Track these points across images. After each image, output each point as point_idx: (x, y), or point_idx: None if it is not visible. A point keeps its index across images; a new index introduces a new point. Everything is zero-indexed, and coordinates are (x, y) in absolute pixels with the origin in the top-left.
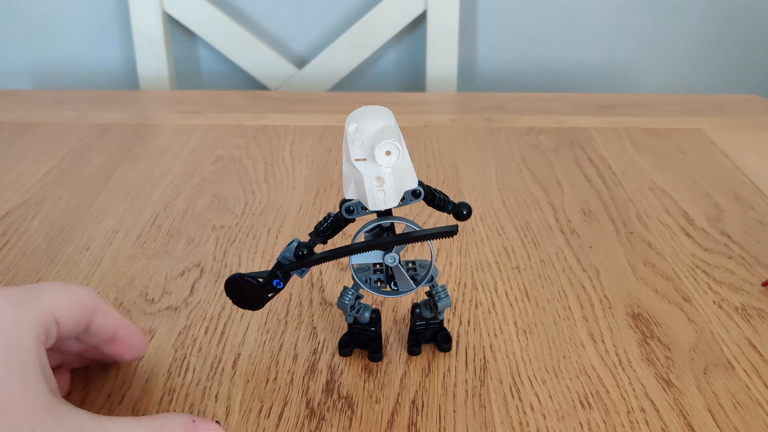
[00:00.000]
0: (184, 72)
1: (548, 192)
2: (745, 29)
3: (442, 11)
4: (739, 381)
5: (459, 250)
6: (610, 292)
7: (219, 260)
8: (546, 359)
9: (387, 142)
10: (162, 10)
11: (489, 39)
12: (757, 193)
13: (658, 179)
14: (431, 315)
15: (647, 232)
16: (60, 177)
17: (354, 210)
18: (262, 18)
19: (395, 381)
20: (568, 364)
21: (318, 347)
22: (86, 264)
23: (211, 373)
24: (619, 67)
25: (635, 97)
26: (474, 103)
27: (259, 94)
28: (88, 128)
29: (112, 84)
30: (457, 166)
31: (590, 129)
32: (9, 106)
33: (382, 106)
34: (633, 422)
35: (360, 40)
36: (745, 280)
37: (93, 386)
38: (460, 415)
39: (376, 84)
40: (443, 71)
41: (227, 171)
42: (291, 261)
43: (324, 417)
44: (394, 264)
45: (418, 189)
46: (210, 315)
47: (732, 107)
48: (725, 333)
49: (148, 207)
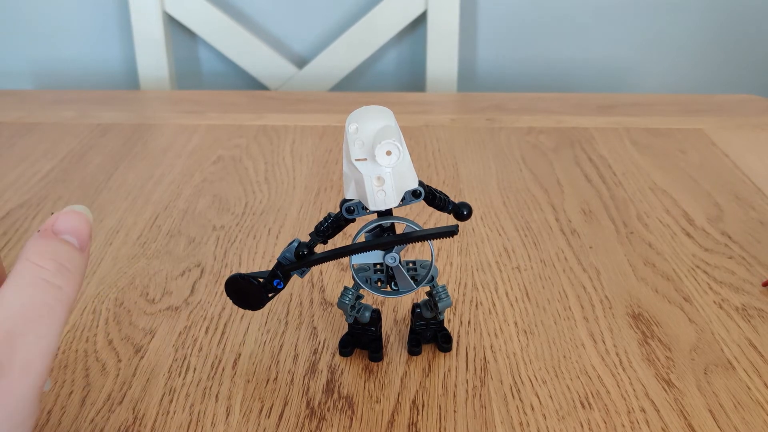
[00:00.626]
0: (185, 72)
1: (548, 192)
2: (745, 29)
3: (442, 11)
4: (739, 381)
5: (459, 250)
6: (611, 293)
7: (219, 260)
8: (546, 359)
9: (387, 142)
10: (162, 10)
11: (489, 39)
12: (757, 193)
13: (658, 179)
14: (432, 315)
15: (647, 232)
16: (60, 177)
17: (354, 210)
18: (262, 18)
19: (396, 381)
20: (569, 365)
21: (318, 347)
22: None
23: (211, 373)
24: (619, 67)
25: (635, 97)
26: (474, 103)
27: (260, 94)
28: (88, 128)
29: (112, 84)
30: (458, 166)
31: (590, 129)
32: (9, 106)
33: (383, 106)
34: (633, 422)
35: (360, 40)
36: (746, 280)
37: (93, 386)
38: (460, 415)
39: (376, 84)
40: (443, 71)
41: (228, 171)
42: (291, 261)
43: (324, 417)
44: (395, 264)
45: (419, 189)
46: (210, 315)
47: (732, 107)
48: (726, 333)
49: (149, 207)
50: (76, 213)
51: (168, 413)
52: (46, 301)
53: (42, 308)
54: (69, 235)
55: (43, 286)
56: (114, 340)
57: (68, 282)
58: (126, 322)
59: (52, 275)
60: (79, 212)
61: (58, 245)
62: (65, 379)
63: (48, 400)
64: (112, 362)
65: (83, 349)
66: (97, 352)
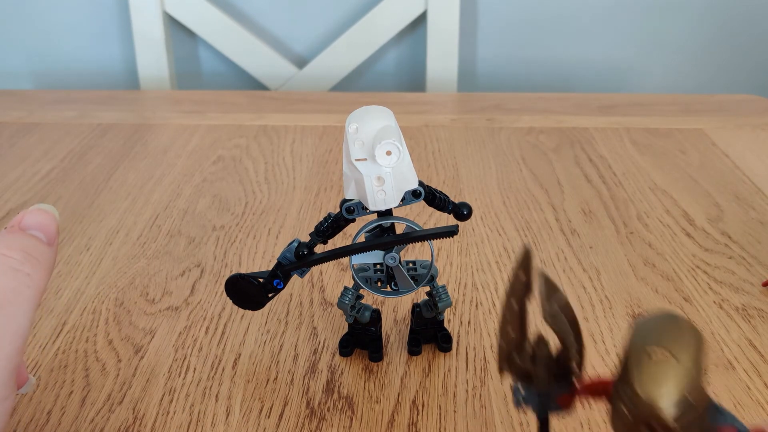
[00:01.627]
0: (185, 72)
1: (548, 192)
2: (745, 29)
3: (442, 11)
4: (739, 381)
5: (459, 250)
6: (611, 292)
7: (219, 260)
8: None
9: (387, 142)
10: (162, 10)
11: (489, 39)
12: (757, 194)
13: (658, 179)
14: (431, 315)
15: (648, 232)
16: (61, 177)
17: (354, 210)
18: (263, 18)
19: (396, 381)
20: None
21: (318, 347)
22: (87, 264)
23: (211, 373)
24: (619, 67)
25: (635, 97)
26: (474, 103)
27: (260, 94)
28: (88, 128)
29: (112, 84)
30: (458, 166)
31: (591, 129)
32: (10, 106)
33: (383, 107)
34: None
35: (360, 40)
36: (746, 280)
37: (93, 386)
38: (460, 415)
39: (376, 84)
40: (443, 71)
41: (228, 171)
42: (291, 261)
43: (324, 417)
44: (395, 264)
45: (419, 189)
46: (210, 315)
47: (732, 107)
48: (726, 333)
49: (149, 207)
50: (42, 210)
51: (168, 413)
52: (13, 286)
53: (9, 293)
54: (36, 231)
55: (11, 273)
56: (114, 340)
57: (36, 270)
58: (126, 322)
59: (19, 263)
60: (45, 210)
61: (25, 238)
62: (65, 379)
63: (48, 400)
64: (112, 362)
65: (83, 349)
66: (97, 352)
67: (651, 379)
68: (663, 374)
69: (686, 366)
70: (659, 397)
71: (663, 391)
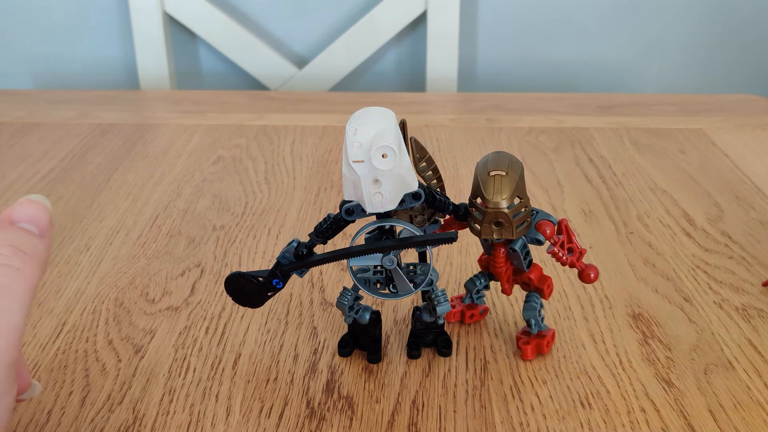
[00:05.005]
0: (185, 72)
1: (548, 192)
2: (745, 29)
3: (442, 11)
4: (739, 381)
5: (459, 249)
6: (611, 292)
7: (219, 260)
8: (546, 359)
9: (383, 145)
10: (162, 10)
11: (489, 39)
12: (757, 194)
13: (658, 179)
14: (431, 319)
15: (648, 232)
16: (61, 177)
17: (354, 211)
18: (262, 18)
19: (395, 381)
20: (569, 365)
21: (318, 347)
22: (87, 264)
23: (211, 373)
24: (619, 67)
25: (635, 97)
26: (474, 103)
27: (260, 94)
28: (88, 128)
29: (112, 84)
30: (458, 166)
31: (591, 129)
32: (10, 106)
33: (385, 108)
34: (633, 422)
35: (360, 40)
36: (746, 280)
37: (93, 386)
38: (460, 415)
39: (376, 84)
40: (443, 71)
41: (228, 171)
42: (291, 261)
43: (324, 417)
44: (392, 267)
45: (419, 191)
46: (210, 315)
47: (732, 107)
48: (726, 333)
49: (149, 207)
50: (33, 202)
51: (168, 413)
52: (4, 282)
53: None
54: (27, 224)
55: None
56: (114, 340)
57: (27, 264)
58: (126, 322)
59: (8, 259)
60: (36, 201)
61: (14, 232)
62: (65, 379)
63: (48, 400)
64: (112, 362)
65: (83, 349)
66: (97, 352)
67: (493, 189)
68: (500, 184)
69: (513, 177)
70: (500, 200)
71: (502, 195)
